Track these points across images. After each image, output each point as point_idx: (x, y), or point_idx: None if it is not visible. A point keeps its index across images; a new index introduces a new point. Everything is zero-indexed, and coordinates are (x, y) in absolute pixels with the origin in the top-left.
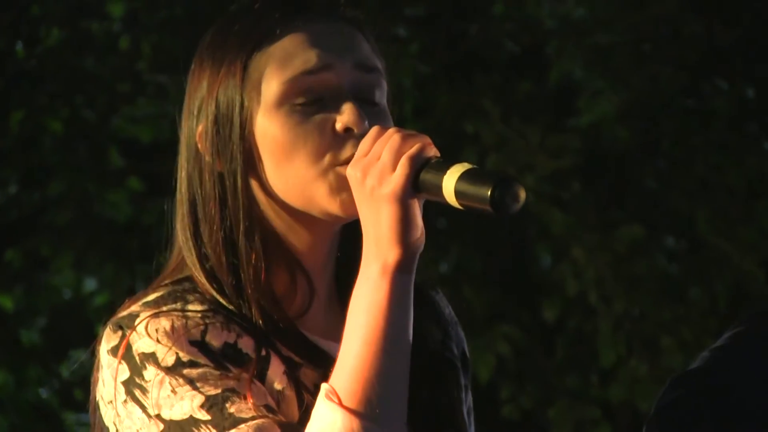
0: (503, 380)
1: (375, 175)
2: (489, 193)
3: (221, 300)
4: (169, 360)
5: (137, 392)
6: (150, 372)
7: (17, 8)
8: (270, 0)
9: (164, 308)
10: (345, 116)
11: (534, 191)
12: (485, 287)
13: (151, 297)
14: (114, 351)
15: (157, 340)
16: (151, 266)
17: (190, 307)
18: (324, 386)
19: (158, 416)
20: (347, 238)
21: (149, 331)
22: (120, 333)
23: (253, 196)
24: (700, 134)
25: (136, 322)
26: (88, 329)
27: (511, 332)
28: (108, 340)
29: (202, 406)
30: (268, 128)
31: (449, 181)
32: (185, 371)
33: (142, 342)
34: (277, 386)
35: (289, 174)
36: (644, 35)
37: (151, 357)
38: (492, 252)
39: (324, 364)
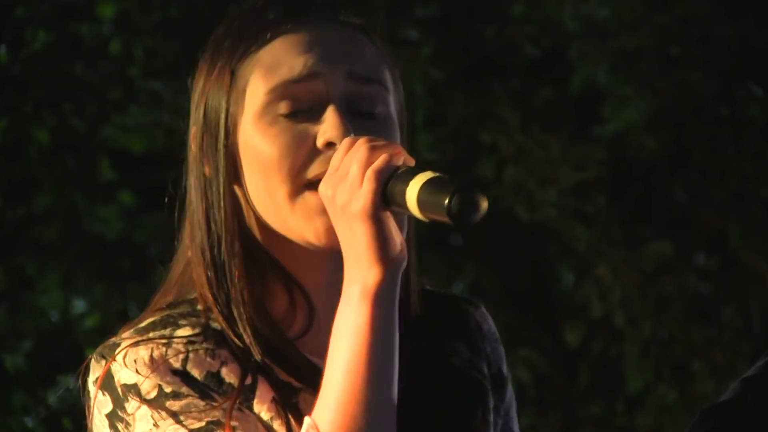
0: (523, 408)
1: (345, 192)
2: (446, 203)
3: (217, 320)
4: (152, 391)
5: (120, 426)
6: (132, 405)
7: (0, 10)
8: (271, 0)
9: (149, 336)
10: (326, 129)
11: (556, 205)
12: (503, 308)
13: (144, 323)
14: (97, 382)
15: (137, 371)
16: (144, 286)
17: (179, 332)
18: (307, 420)
19: None
20: None
21: (128, 361)
22: (103, 362)
23: (239, 209)
24: (733, 143)
25: (116, 352)
26: (76, 354)
27: (531, 356)
28: (93, 370)
29: None
30: (250, 139)
31: (412, 192)
32: (168, 403)
33: (123, 373)
34: (265, 416)
35: (267, 192)
36: (673, 38)
37: (133, 388)
38: (510, 271)
39: None
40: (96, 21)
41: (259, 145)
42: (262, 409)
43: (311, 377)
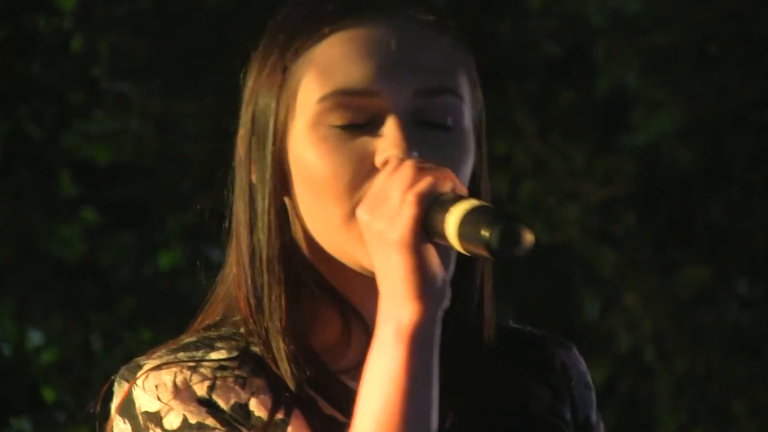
0: None
1: (383, 218)
2: (487, 236)
3: (257, 344)
4: (175, 422)
5: None
6: None
7: None
8: None
9: (177, 357)
10: (385, 147)
11: (579, 225)
12: None
13: (180, 343)
14: (117, 407)
15: (158, 397)
16: (109, 315)
17: (213, 355)
18: None
19: None
20: None
21: (148, 386)
22: (125, 385)
23: (286, 224)
24: None
25: (138, 374)
26: (32, 392)
27: None
28: (116, 393)
29: None
30: (301, 151)
31: (451, 223)
32: None
33: (144, 398)
34: None
35: (320, 211)
36: (712, 35)
37: (155, 417)
38: (526, 298)
39: None
40: (55, 13)
41: (310, 159)
42: None
43: (354, 410)
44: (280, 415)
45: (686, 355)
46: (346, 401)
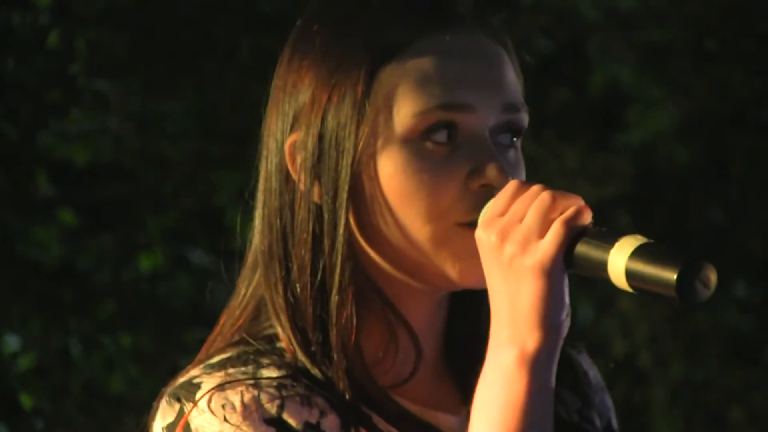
0: None
1: (517, 241)
2: (676, 278)
3: (305, 362)
4: None
5: None
6: None
7: None
8: None
9: (231, 374)
10: (486, 171)
11: None
12: None
13: (216, 359)
14: (170, 429)
15: (224, 419)
16: (88, 320)
17: (265, 372)
18: None
19: None
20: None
21: (213, 407)
22: (178, 407)
23: (355, 240)
24: None
25: (198, 395)
26: (9, 400)
27: None
28: (164, 414)
29: None
30: (387, 165)
31: (618, 258)
32: None
33: (203, 420)
34: None
35: (404, 227)
36: (709, 30)
37: None
38: None
39: None
40: (30, 9)
41: (399, 176)
42: None
43: (411, 428)
44: None
45: (682, 360)
46: (398, 417)
